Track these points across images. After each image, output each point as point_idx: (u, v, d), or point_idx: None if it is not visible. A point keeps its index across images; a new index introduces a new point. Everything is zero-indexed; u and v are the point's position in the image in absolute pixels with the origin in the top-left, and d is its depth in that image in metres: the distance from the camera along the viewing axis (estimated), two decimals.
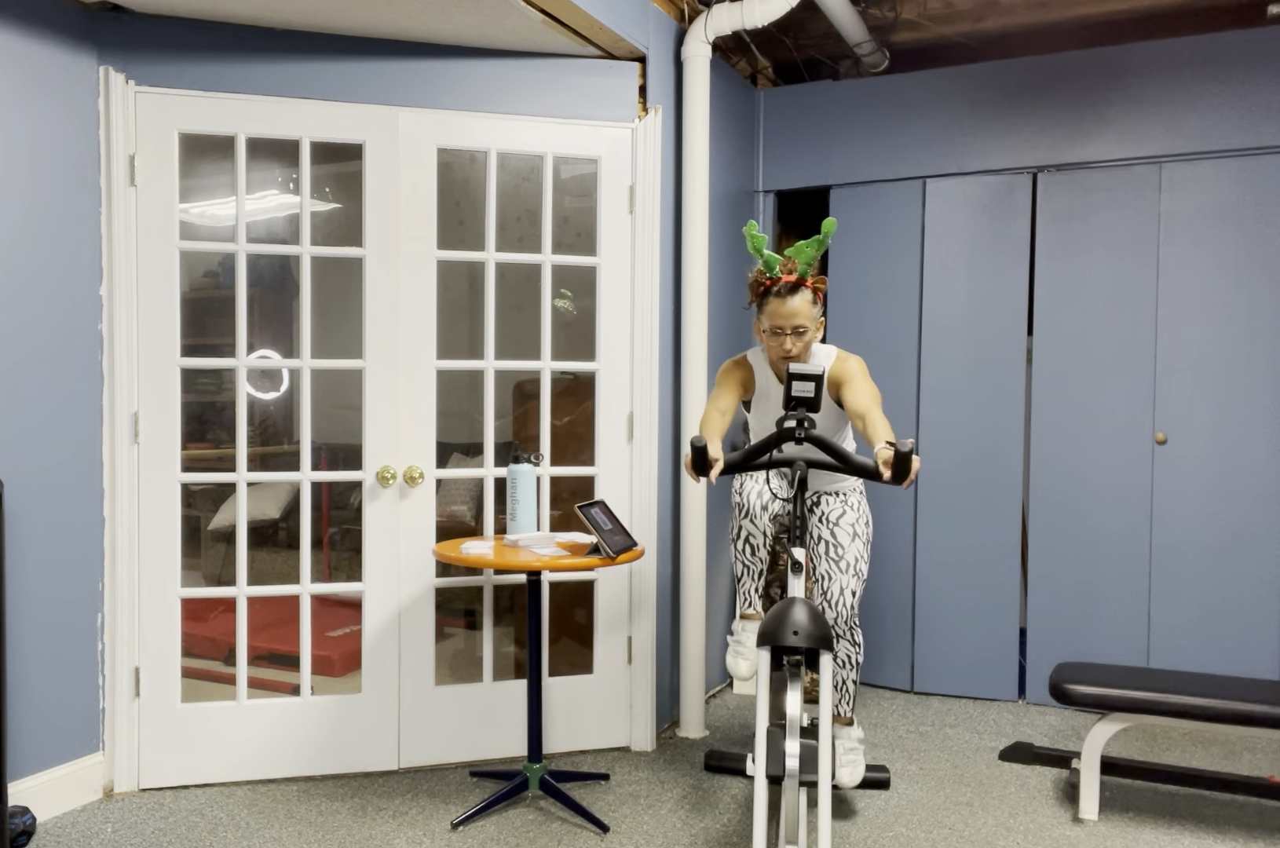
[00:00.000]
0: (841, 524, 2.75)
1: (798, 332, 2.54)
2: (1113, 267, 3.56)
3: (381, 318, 2.94)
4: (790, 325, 2.54)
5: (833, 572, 2.72)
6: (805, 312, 2.53)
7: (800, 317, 2.53)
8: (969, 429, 3.75)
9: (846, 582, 2.70)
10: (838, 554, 2.73)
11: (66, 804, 2.70)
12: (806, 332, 2.55)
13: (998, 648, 3.72)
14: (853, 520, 2.76)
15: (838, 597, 2.69)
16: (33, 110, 2.57)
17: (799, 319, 2.53)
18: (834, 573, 2.72)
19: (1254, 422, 3.40)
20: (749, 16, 3.19)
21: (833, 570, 2.72)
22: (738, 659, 2.86)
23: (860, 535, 2.75)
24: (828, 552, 2.74)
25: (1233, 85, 3.38)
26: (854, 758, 2.71)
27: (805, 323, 2.54)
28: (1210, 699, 2.56)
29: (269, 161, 4.81)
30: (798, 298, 2.53)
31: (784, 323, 2.54)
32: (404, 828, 2.61)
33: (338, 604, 4.21)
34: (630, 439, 3.18)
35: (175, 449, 2.83)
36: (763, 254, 2.60)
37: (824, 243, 2.57)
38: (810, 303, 2.55)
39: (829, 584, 2.71)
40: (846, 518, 2.76)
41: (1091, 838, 2.58)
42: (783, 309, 2.53)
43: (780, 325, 2.55)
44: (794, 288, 2.54)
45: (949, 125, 3.73)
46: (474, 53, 2.99)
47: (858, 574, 2.72)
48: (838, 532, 2.75)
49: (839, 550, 2.73)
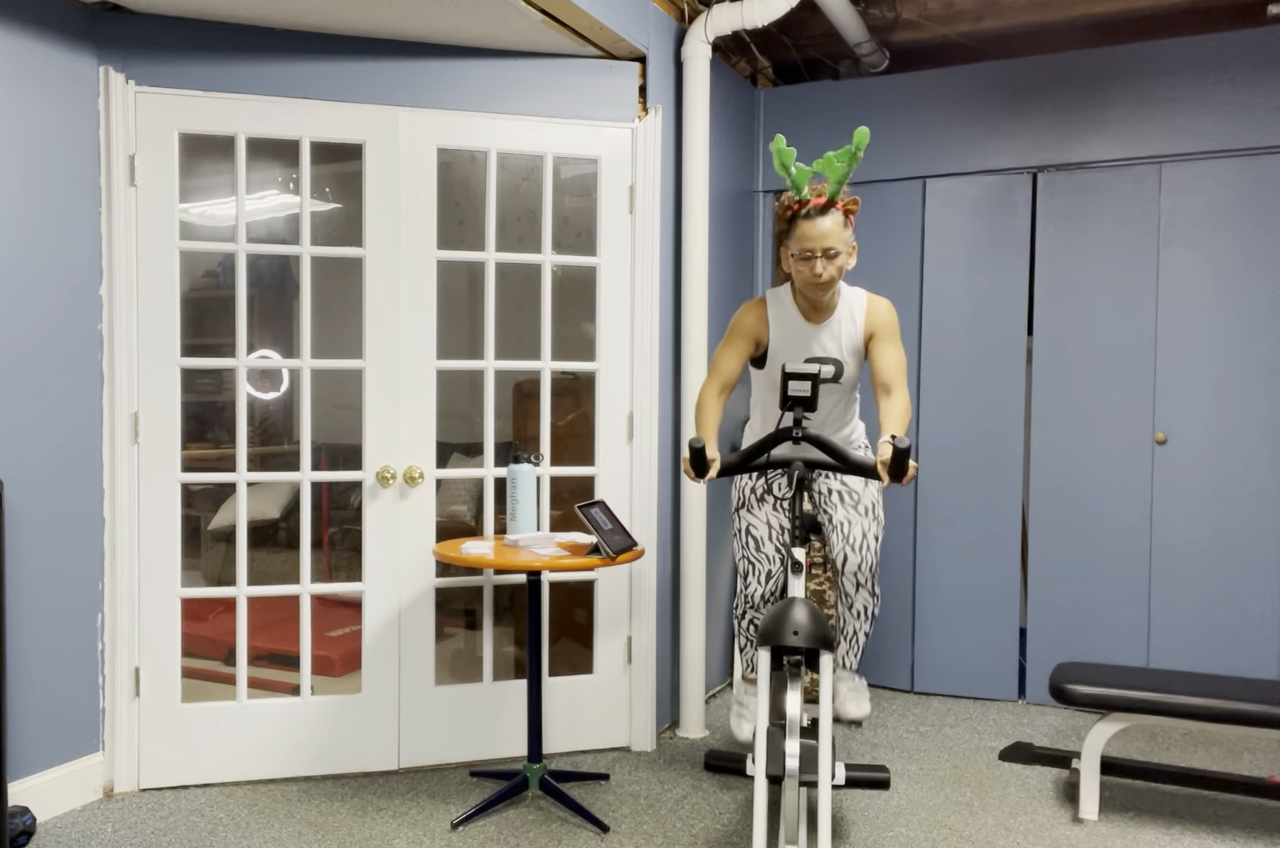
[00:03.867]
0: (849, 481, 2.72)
1: (829, 255, 2.41)
2: (1113, 266, 3.56)
3: (381, 318, 2.94)
4: (821, 247, 2.40)
5: (852, 517, 2.63)
6: (836, 233, 2.40)
7: (831, 238, 2.39)
8: (969, 429, 3.75)
9: (868, 525, 2.63)
10: (854, 499, 2.64)
11: (66, 804, 2.70)
12: (839, 255, 2.42)
13: (998, 648, 3.72)
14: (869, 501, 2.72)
15: (861, 540, 2.60)
16: (33, 110, 2.57)
17: (830, 241, 2.39)
18: (854, 517, 2.63)
19: (1254, 422, 3.40)
20: (749, 16, 3.19)
21: (852, 515, 2.63)
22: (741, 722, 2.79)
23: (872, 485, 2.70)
24: (843, 499, 2.66)
25: (1233, 85, 3.38)
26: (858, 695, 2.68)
27: (836, 245, 2.40)
28: (1210, 699, 2.55)
29: (269, 161, 4.81)
30: (828, 219, 2.39)
31: (814, 245, 2.40)
32: (404, 828, 2.61)
33: (338, 604, 4.21)
34: (630, 439, 3.18)
35: (175, 449, 2.83)
36: (790, 171, 2.42)
37: (856, 157, 2.39)
38: (841, 225, 2.41)
39: (850, 529, 2.61)
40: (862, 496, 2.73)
41: (1091, 838, 2.58)
42: (812, 230, 2.39)
43: (810, 248, 2.41)
44: (824, 209, 2.40)
45: (949, 125, 3.73)
46: (474, 53, 2.99)
47: (877, 519, 2.63)
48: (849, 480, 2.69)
49: (854, 496, 2.65)
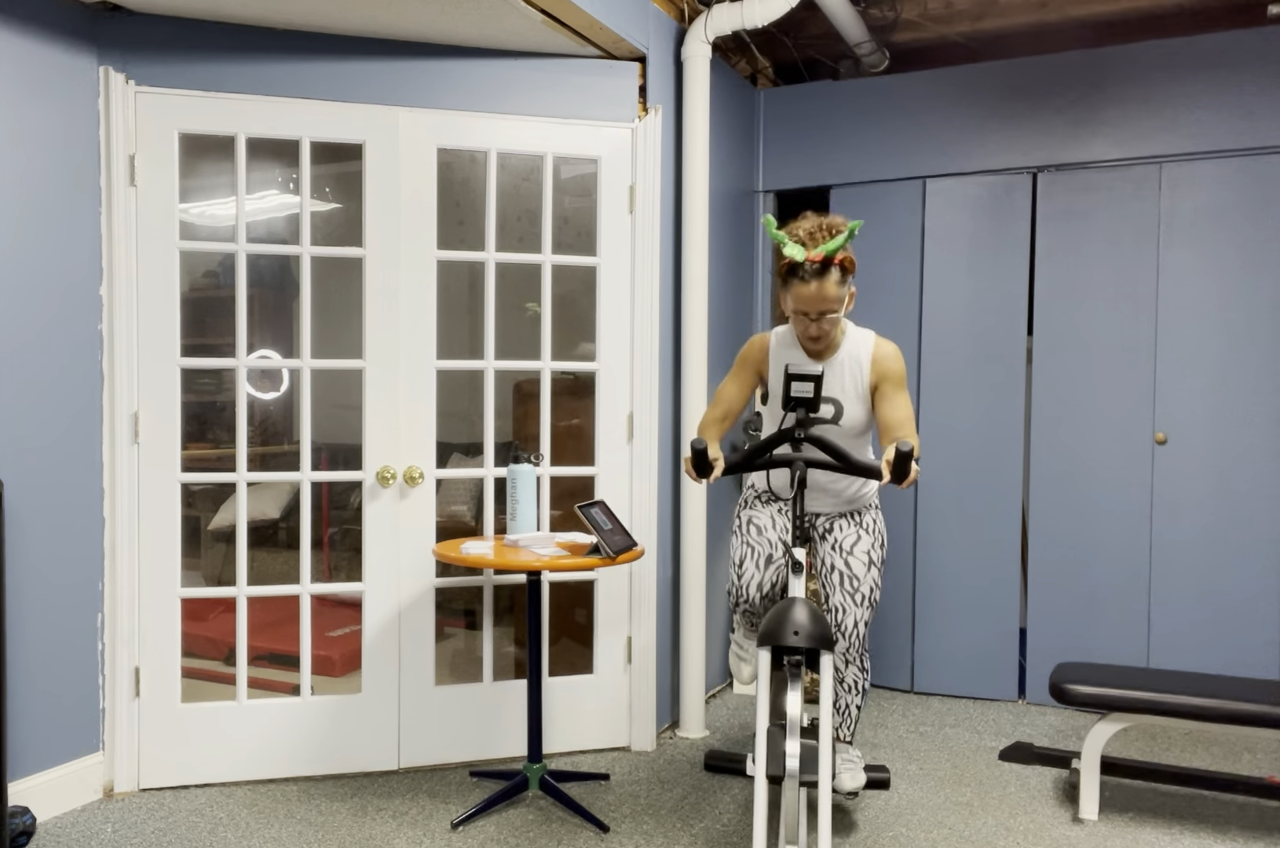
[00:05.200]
0: (856, 552, 2.61)
1: (825, 315, 2.40)
2: (1113, 267, 3.56)
3: (381, 318, 2.94)
4: (816, 310, 2.38)
5: (847, 605, 2.58)
6: (832, 293, 2.36)
7: (827, 300, 2.36)
8: (969, 429, 3.75)
9: (861, 614, 2.57)
10: (853, 587, 2.58)
11: (66, 804, 2.70)
12: (835, 313, 2.40)
13: (998, 648, 3.72)
14: (868, 547, 2.62)
15: (851, 629, 2.57)
16: (33, 110, 2.57)
17: (825, 304, 2.37)
18: (849, 606, 2.58)
19: (1254, 422, 3.40)
20: (749, 16, 3.19)
21: (847, 604, 2.58)
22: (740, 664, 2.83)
23: (876, 563, 2.61)
24: (842, 583, 2.59)
25: (1233, 85, 3.38)
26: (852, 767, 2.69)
27: (832, 306, 2.37)
28: (1210, 699, 2.55)
29: (269, 161, 4.81)
30: (826, 280, 2.35)
31: (809, 308, 2.38)
32: (404, 828, 2.61)
33: (338, 604, 4.21)
34: (630, 439, 3.18)
35: (175, 449, 2.83)
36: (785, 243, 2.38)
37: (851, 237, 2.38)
38: (838, 283, 2.37)
39: (843, 618, 2.58)
40: (861, 545, 2.62)
41: (1091, 838, 2.58)
42: (807, 293, 2.36)
43: (804, 310, 2.39)
44: (821, 270, 2.35)
45: (949, 125, 3.73)
46: (474, 53, 2.99)
47: (872, 605, 2.59)
48: (853, 562, 2.60)
49: (854, 582, 2.58)
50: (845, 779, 2.65)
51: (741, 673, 2.87)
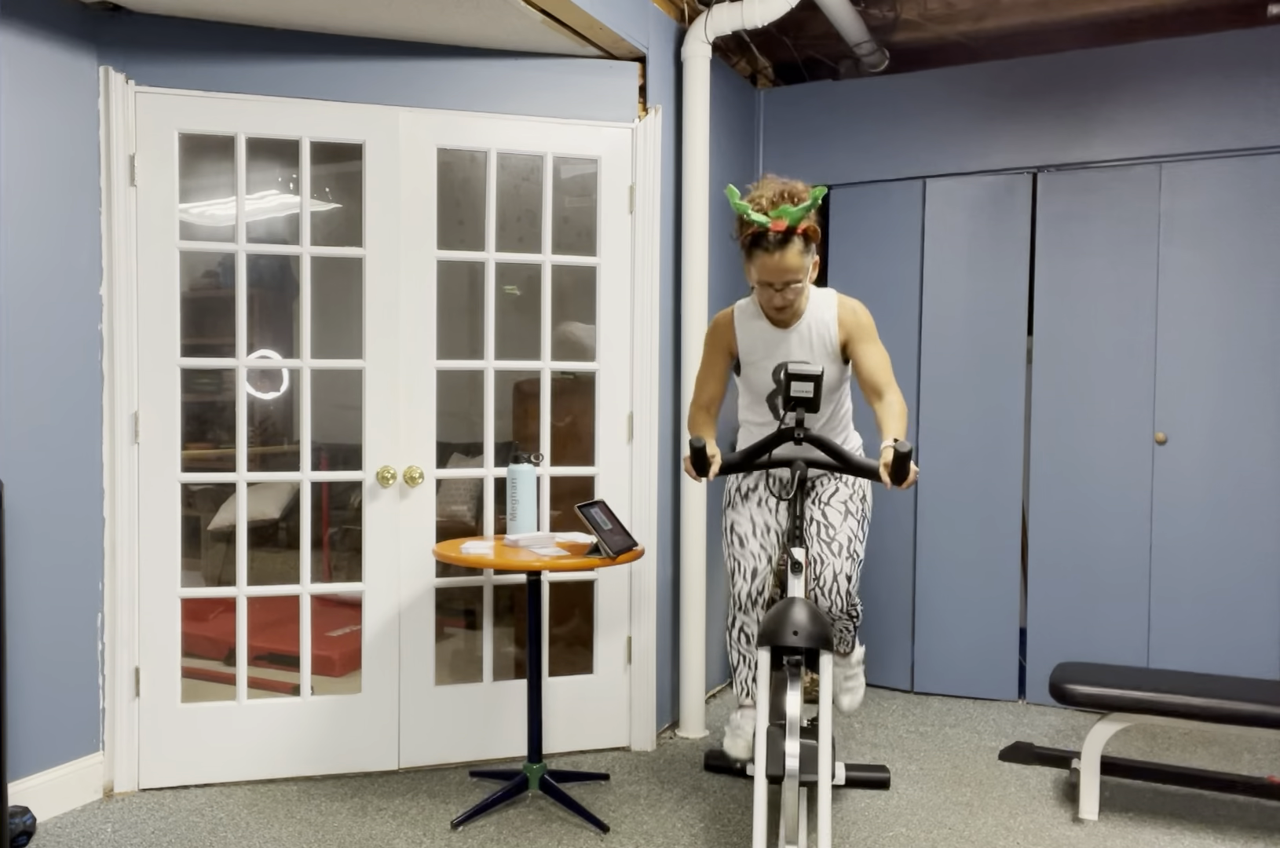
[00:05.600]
0: (833, 502, 2.58)
1: (789, 285, 2.37)
2: (1113, 267, 3.56)
3: (381, 318, 2.94)
4: (781, 280, 2.35)
5: (824, 555, 2.52)
6: (796, 263, 2.32)
7: (791, 270, 2.33)
8: (969, 429, 3.75)
9: (840, 565, 2.51)
10: (829, 535, 2.53)
11: (66, 804, 2.70)
12: (800, 283, 2.37)
13: (998, 648, 3.72)
14: (845, 497, 2.58)
15: (830, 583, 2.51)
16: (33, 110, 2.57)
17: (789, 273, 2.33)
18: (825, 556, 2.52)
19: (1254, 422, 3.40)
20: (749, 16, 3.19)
21: (824, 553, 2.52)
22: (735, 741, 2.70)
23: (854, 513, 2.56)
24: (819, 533, 2.55)
25: (1233, 85, 3.38)
26: (854, 684, 2.63)
27: (796, 275, 2.34)
28: (1210, 699, 2.56)
29: (269, 161, 4.81)
30: (790, 250, 2.31)
31: (773, 278, 2.35)
32: (404, 828, 2.61)
33: (338, 604, 4.21)
34: (630, 439, 3.18)
35: (175, 449, 2.83)
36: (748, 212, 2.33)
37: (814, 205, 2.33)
38: (801, 252, 2.33)
39: (821, 569, 2.52)
40: (839, 495, 2.59)
41: (1091, 838, 2.58)
42: (770, 263, 2.32)
43: (769, 280, 2.36)
44: (784, 240, 2.30)
45: (949, 125, 3.73)
46: (474, 53, 2.99)
47: (852, 556, 2.51)
48: (828, 511, 2.56)
49: (829, 531, 2.53)
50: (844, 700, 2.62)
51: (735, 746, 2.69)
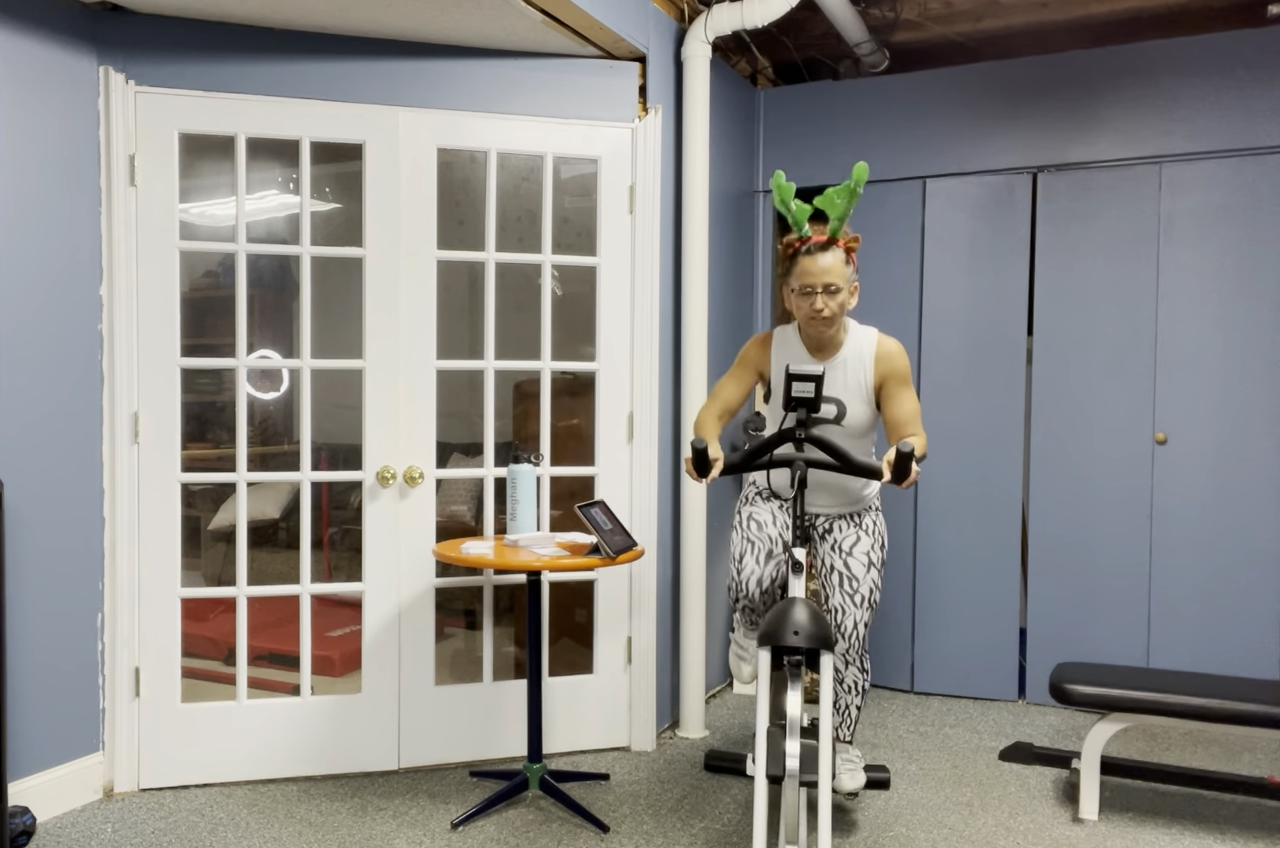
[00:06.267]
0: (856, 554, 2.60)
1: (829, 290, 2.40)
2: (1113, 267, 3.56)
3: (381, 318, 2.94)
4: (821, 283, 2.39)
5: (847, 606, 2.57)
6: (838, 269, 2.39)
7: (832, 274, 2.39)
8: (969, 429, 3.75)
9: (861, 615, 2.57)
10: (852, 588, 2.58)
11: (66, 804, 2.70)
12: (839, 292, 2.41)
13: (998, 648, 3.72)
14: (868, 547, 2.61)
15: (851, 631, 2.57)
16: (33, 110, 2.57)
17: (830, 277, 2.39)
18: (848, 608, 2.57)
19: (1254, 422, 3.40)
20: (749, 16, 3.19)
21: (847, 605, 2.57)
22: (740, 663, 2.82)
23: (875, 564, 2.60)
24: (842, 584, 2.59)
25: (1233, 85, 3.38)
26: (852, 767, 2.69)
27: (837, 281, 2.40)
28: (1210, 699, 2.56)
29: (269, 161, 4.81)
30: (829, 255, 2.39)
31: (814, 281, 2.40)
32: (404, 828, 2.61)
33: (338, 604, 4.21)
34: (630, 439, 3.18)
35: (175, 449, 2.83)
36: (790, 207, 2.43)
37: (855, 193, 2.39)
38: (843, 262, 2.41)
39: (843, 619, 2.57)
40: (861, 546, 2.61)
41: (1091, 838, 2.58)
42: (813, 266, 2.39)
43: (810, 283, 2.40)
44: (825, 246, 2.41)
45: (949, 125, 3.73)
46: (474, 53, 2.99)
47: (872, 606, 2.58)
48: (852, 563, 2.59)
49: (854, 583, 2.58)
50: (845, 780, 2.65)
51: (741, 672, 2.87)
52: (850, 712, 2.70)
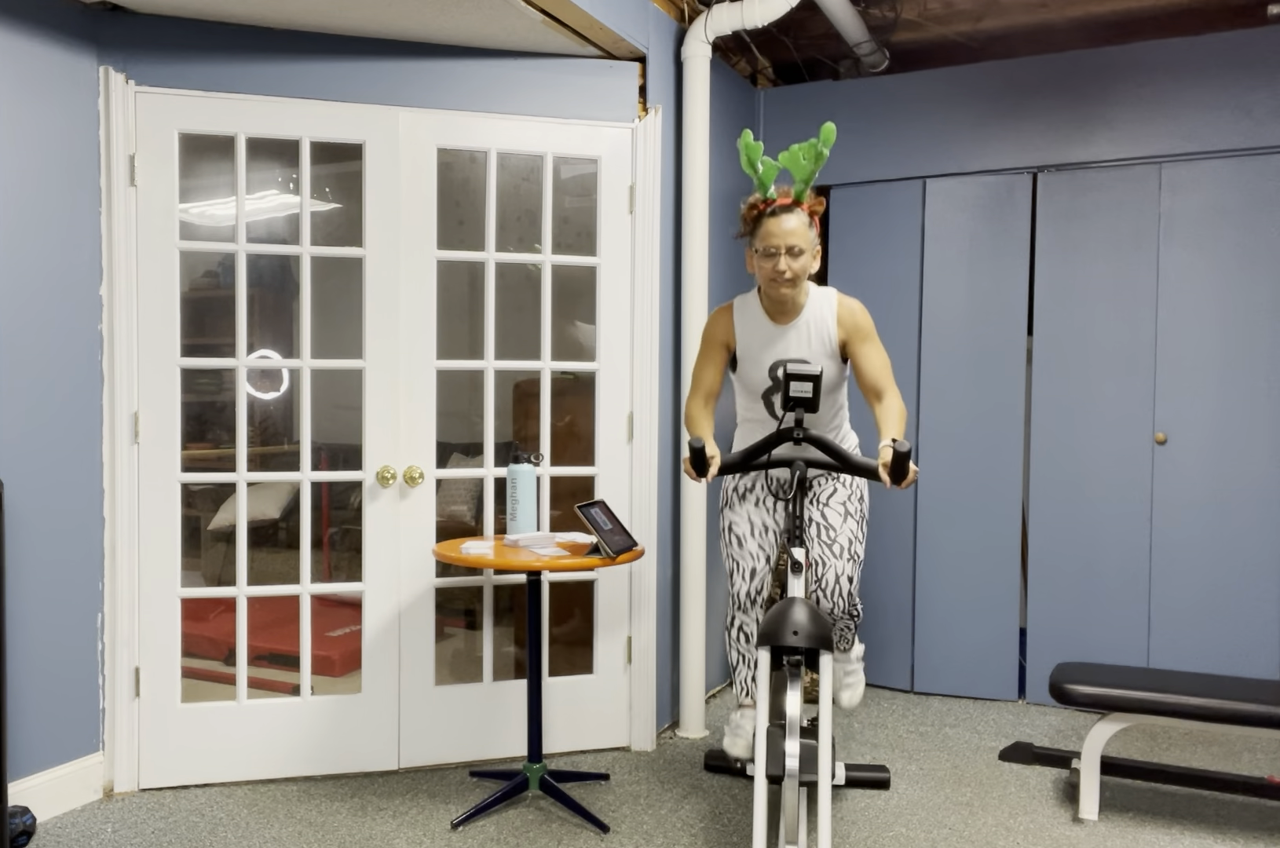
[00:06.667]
0: (832, 503, 2.58)
1: (792, 252, 2.40)
2: (1113, 267, 3.56)
3: (381, 318, 2.94)
4: (785, 244, 2.39)
5: (826, 557, 2.53)
6: (801, 231, 2.39)
7: (795, 235, 2.39)
8: (969, 429, 3.75)
9: (842, 567, 2.52)
10: (829, 537, 2.54)
11: (66, 804, 2.70)
12: (803, 254, 2.41)
13: (998, 648, 3.72)
14: (844, 498, 2.59)
15: (833, 586, 2.52)
16: (33, 110, 2.57)
17: (793, 238, 2.39)
18: (827, 558, 2.53)
19: (1254, 422, 3.40)
20: (749, 16, 3.19)
21: (826, 556, 2.53)
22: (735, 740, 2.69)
23: (853, 514, 2.57)
24: (819, 534, 2.56)
25: (1233, 85, 3.38)
26: (854, 680, 2.64)
27: (800, 243, 2.40)
28: (1210, 699, 2.56)
29: (269, 161, 4.81)
30: (793, 217, 2.39)
31: (778, 242, 2.39)
32: (404, 828, 2.61)
33: (338, 604, 4.21)
34: (630, 439, 3.18)
35: (175, 449, 2.83)
36: (756, 168, 2.42)
37: (822, 155, 2.40)
38: (806, 224, 2.41)
39: (823, 571, 2.52)
40: (837, 496, 2.59)
41: (1091, 838, 2.58)
42: (776, 228, 2.39)
43: (774, 244, 2.40)
44: (789, 207, 2.41)
45: (949, 125, 3.73)
46: (474, 53, 2.99)
47: (853, 558, 2.53)
48: (828, 512, 2.57)
49: (830, 533, 2.54)
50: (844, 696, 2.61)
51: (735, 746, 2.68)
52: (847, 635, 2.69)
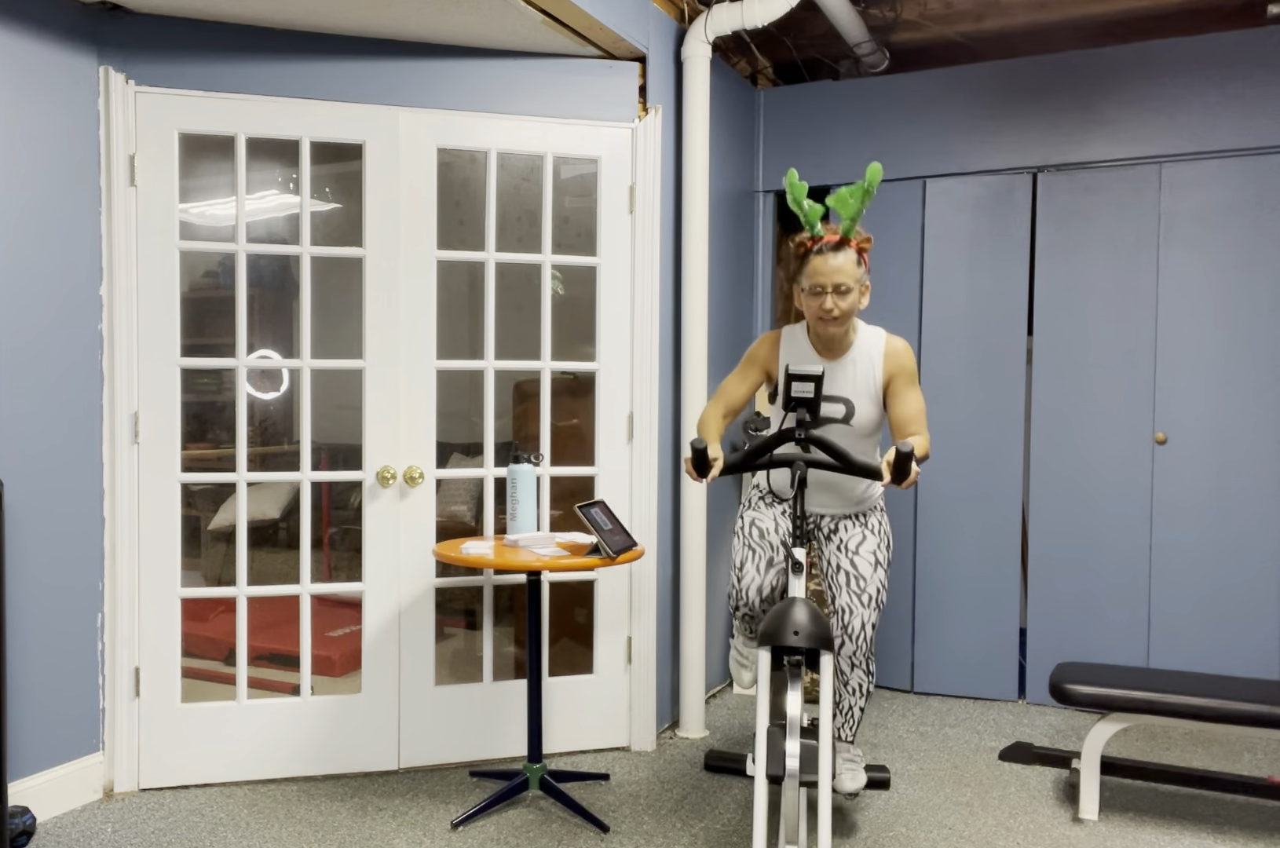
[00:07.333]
0: (862, 552, 2.60)
1: (839, 290, 2.40)
2: (1113, 266, 3.56)
3: (381, 318, 2.94)
4: (831, 283, 2.39)
5: (854, 605, 2.56)
6: (848, 269, 2.39)
7: (842, 274, 2.39)
8: (969, 429, 3.75)
9: (868, 616, 2.55)
10: (859, 587, 2.56)
11: (66, 804, 2.70)
12: (850, 292, 2.41)
13: (998, 648, 3.72)
14: (874, 547, 2.60)
15: (859, 631, 2.55)
16: (33, 110, 2.57)
17: (840, 276, 2.39)
18: (855, 607, 2.56)
19: (1254, 422, 3.40)
20: (749, 16, 3.19)
21: (854, 604, 2.56)
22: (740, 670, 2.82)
23: (882, 563, 2.60)
24: (849, 583, 2.57)
25: (1233, 85, 3.38)
26: (853, 767, 2.69)
27: (847, 281, 2.40)
28: (1210, 699, 2.56)
29: (269, 161, 4.81)
30: (840, 255, 2.39)
31: (824, 281, 2.40)
32: (404, 828, 2.61)
33: (338, 604, 4.21)
34: (630, 439, 3.18)
35: (175, 449, 2.83)
36: (803, 207, 2.43)
37: (869, 193, 2.40)
38: (854, 263, 2.41)
39: (849, 618, 2.55)
40: (867, 545, 2.60)
41: (1091, 838, 2.58)
42: (824, 266, 2.39)
43: (820, 283, 2.40)
44: (837, 246, 2.40)
45: (949, 125, 3.73)
46: (474, 53, 2.99)
47: (879, 607, 2.57)
48: (859, 562, 2.59)
49: (860, 582, 2.57)
50: (845, 780, 2.64)
51: (742, 678, 2.88)
52: (854, 713, 2.70)
